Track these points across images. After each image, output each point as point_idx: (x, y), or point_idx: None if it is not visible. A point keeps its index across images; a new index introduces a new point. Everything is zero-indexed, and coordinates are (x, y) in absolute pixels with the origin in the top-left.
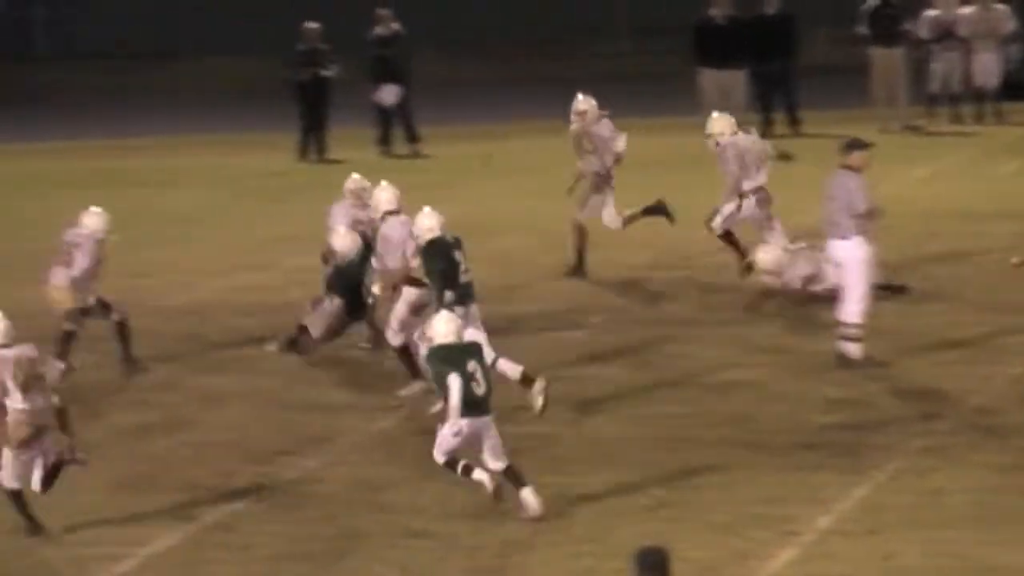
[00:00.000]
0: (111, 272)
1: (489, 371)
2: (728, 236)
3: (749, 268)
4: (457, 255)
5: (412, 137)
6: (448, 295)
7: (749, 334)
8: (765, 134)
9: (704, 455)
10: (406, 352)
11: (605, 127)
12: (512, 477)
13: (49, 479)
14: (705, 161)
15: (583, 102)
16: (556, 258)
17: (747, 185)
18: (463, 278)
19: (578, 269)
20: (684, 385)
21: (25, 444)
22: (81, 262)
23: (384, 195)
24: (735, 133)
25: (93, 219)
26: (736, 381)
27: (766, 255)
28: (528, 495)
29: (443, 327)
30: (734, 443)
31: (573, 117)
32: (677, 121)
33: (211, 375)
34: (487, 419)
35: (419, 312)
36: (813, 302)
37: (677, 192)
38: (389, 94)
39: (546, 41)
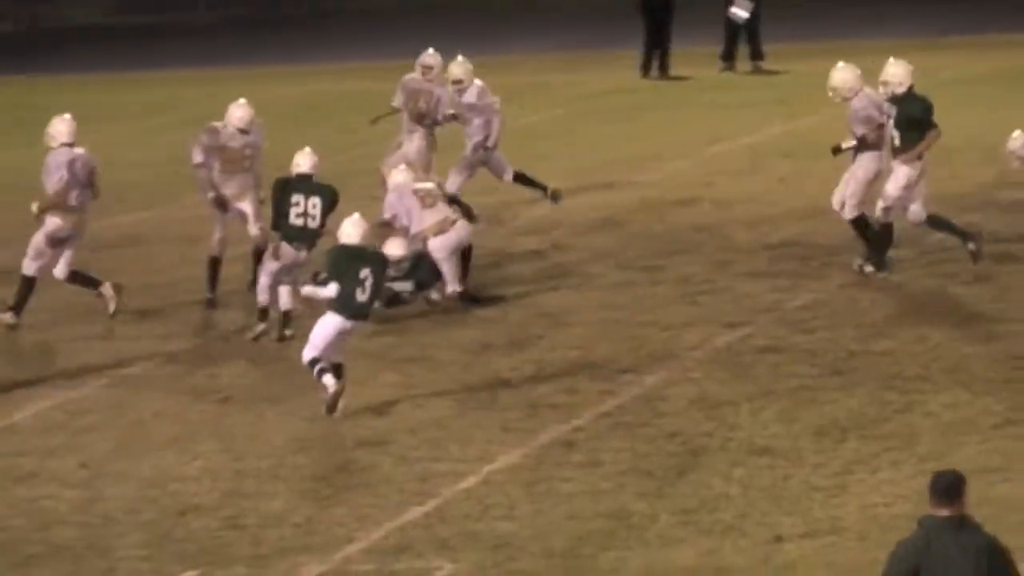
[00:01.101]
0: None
1: (380, 284)
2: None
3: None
4: (295, 197)
5: (756, 54)
6: (277, 232)
7: None
8: None
9: None
10: (30, 283)
11: (444, 90)
12: (338, 372)
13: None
14: None
15: (431, 56)
16: None
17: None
18: (294, 220)
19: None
20: None
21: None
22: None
23: (62, 127)
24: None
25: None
26: None
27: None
28: (330, 381)
29: (348, 228)
30: None
31: (419, 70)
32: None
33: (555, 293)
34: (358, 325)
35: (57, 245)
36: None
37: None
38: (744, 9)
39: None
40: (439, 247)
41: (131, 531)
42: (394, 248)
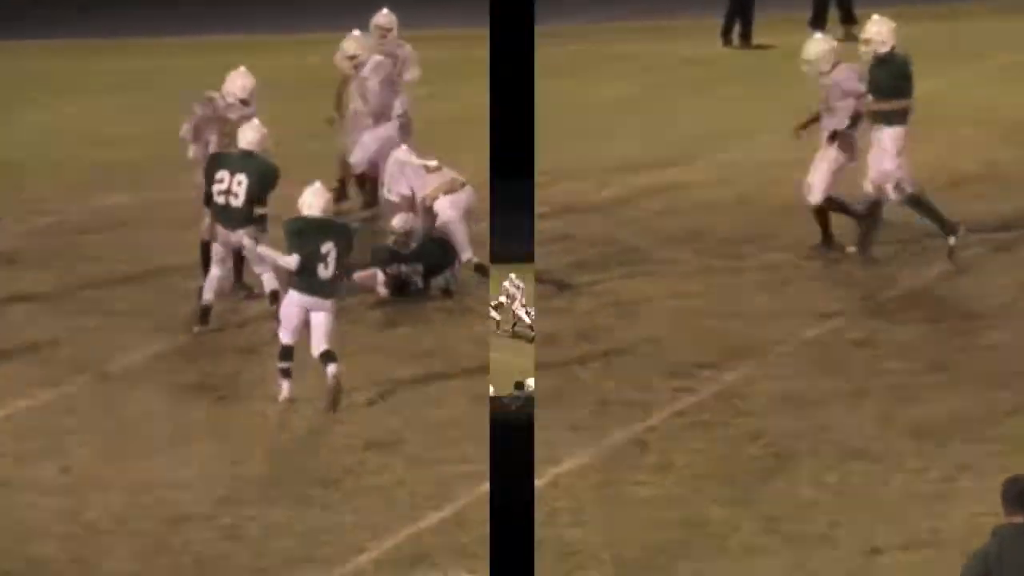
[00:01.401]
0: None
1: (345, 258)
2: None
3: None
4: (220, 173)
5: (847, 17)
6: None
7: None
8: None
9: None
10: None
11: (407, 49)
12: (326, 358)
13: None
14: None
15: (385, 16)
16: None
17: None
18: (216, 198)
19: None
20: None
21: None
22: None
23: None
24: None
25: None
26: None
27: None
28: (332, 369)
29: (309, 198)
30: None
31: (375, 32)
32: None
33: (627, 281)
34: (323, 302)
35: None
36: None
37: None
38: None
39: None
40: (449, 206)
41: (119, 543)
42: (398, 221)
